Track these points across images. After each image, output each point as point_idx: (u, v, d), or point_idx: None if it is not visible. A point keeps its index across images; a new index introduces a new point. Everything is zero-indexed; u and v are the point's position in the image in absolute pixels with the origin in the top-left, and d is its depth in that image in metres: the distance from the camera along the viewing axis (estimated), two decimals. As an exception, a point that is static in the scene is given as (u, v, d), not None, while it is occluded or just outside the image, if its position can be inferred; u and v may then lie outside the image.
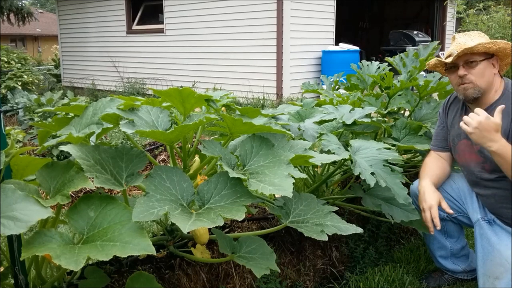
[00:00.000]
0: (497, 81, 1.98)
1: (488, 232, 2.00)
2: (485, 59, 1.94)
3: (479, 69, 1.94)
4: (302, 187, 2.49)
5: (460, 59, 1.96)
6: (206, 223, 1.31)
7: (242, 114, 1.89)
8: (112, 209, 1.35)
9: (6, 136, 1.39)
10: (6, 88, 8.09)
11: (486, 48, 1.92)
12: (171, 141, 1.64)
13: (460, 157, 2.11)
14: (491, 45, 1.91)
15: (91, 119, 1.66)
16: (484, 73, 1.94)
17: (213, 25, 8.59)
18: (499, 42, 1.91)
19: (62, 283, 1.50)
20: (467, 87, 1.96)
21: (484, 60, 1.94)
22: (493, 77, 1.96)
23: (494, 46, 1.91)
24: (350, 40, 9.60)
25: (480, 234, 2.03)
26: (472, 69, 1.94)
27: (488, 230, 2.01)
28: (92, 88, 10.89)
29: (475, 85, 1.95)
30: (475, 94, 1.96)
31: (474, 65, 1.94)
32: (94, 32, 11.13)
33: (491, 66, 1.96)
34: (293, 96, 7.85)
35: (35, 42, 30.79)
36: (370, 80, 3.19)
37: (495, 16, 5.69)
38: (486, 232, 2.01)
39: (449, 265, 2.33)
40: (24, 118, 5.70)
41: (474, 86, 1.95)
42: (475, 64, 1.94)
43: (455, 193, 2.16)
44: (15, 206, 1.15)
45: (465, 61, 1.96)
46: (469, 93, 1.97)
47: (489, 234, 1.99)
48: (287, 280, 2.12)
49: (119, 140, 4.62)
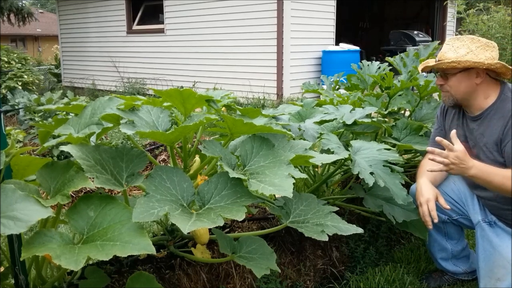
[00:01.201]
0: (486, 87, 1.92)
1: (489, 233, 2.00)
2: (460, 71, 1.90)
3: (453, 81, 1.93)
4: (303, 187, 2.49)
5: (438, 68, 1.97)
6: (206, 224, 1.31)
7: (243, 114, 1.89)
8: (112, 208, 1.35)
9: (6, 136, 1.39)
10: (7, 88, 8.09)
11: (450, 66, 1.89)
12: (171, 141, 1.64)
13: None
14: (455, 64, 1.86)
15: (90, 119, 1.66)
16: (459, 85, 1.92)
17: (214, 25, 8.59)
18: (463, 62, 1.85)
19: (62, 283, 1.50)
20: (444, 95, 2.01)
21: (458, 73, 1.91)
22: (474, 87, 1.91)
23: (459, 65, 1.87)
24: (350, 40, 9.59)
25: (481, 236, 2.03)
26: (447, 80, 1.95)
27: (490, 231, 2.00)
28: (92, 88, 10.89)
29: (451, 94, 1.96)
30: (451, 103, 1.99)
31: (448, 77, 1.94)
32: (95, 32, 11.13)
33: (470, 77, 1.90)
34: (293, 96, 7.85)
35: (35, 42, 30.80)
36: (370, 80, 3.19)
37: (495, 16, 5.69)
38: (488, 233, 2.00)
39: (450, 267, 2.32)
40: (25, 118, 5.70)
41: (449, 95, 1.97)
42: (448, 76, 1.94)
43: (456, 195, 2.16)
44: (15, 206, 1.15)
45: (441, 71, 1.97)
46: (446, 101, 2.01)
47: (491, 236, 1.99)
48: (288, 280, 2.12)
49: (119, 140, 4.62)
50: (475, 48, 1.88)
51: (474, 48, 1.88)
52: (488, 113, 1.92)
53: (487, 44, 1.90)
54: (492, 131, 1.90)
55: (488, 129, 1.91)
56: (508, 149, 1.83)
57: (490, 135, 1.90)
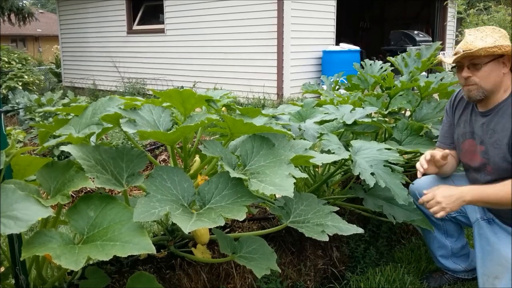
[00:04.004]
0: (507, 80, 1.89)
1: (487, 231, 1.99)
2: (492, 60, 1.84)
3: (484, 71, 1.85)
4: (303, 187, 2.49)
5: (465, 59, 1.88)
6: (207, 223, 1.31)
7: (243, 114, 1.89)
8: (112, 208, 1.34)
9: (6, 136, 1.39)
10: (7, 89, 8.09)
11: (490, 53, 1.82)
12: (172, 141, 1.64)
13: (464, 156, 2.08)
14: (496, 49, 1.80)
15: (91, 119, 1.66)
16: (490, 75, 1.86)
17: (214, 25, 8.59)
18: (505, 46, 1.81)
19: (62, 283, 1.50)
20: (470, 88, 1.90)
21: (490, 62, 1.85)
22: (501, 77, 1.87)
23: (499, 50, 1.81)
24: (351, 40, 9.58)
25: (479, 234, 2.02)
26: (477, 71, 1.86)
27: (487, 229, 1.99)
28: (92, 88, 10.90)
29: (479, 86, 1.87)
30: (478, 96, 1.90)
31: (479, 67, 1.85)
32: (95, 32, 11.13)
33: (499, 66, 1.86)
34: (293, 96, 7.85)
35: (35, 42, 30.79)
36: (372, 80, 3.18)
37: (496, 16, 5.69)
38: (485, 231, 2.00)
39: (450, 265, 2.32)
40: (25, 118, 5.70)
41: (478, 88, 1.88)
42: (479, 66, 1.85)
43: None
44: (15, 206, 1.15)
45: (470, 61, 1.87)
46: (473, 95, 1.90)
47: (488, 234, 1.98)
48: (288, 280, 2.12)
49: (119, 140, 4.62)
50: (498, 37, 1.85)
51: (498, 37, 1.85)
52: (501, 107, 1.88)
53: (505, 34, 1.88)
54: (504, 127, 1.85)
55: (500, 124, 1.87)
56: None
57: (502, 131, 1.86)
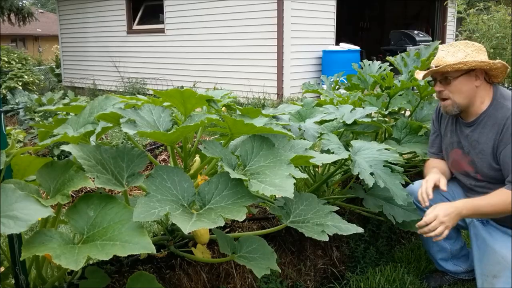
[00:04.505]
0: (482, 91, 1.92)
1: (482, 232, 2.01)
2: (462, 74, 1.88)
3: (455, 85, 1.90)
4: (303, 187, 2.49)
5: (437, 74, 1.93)
6: (207, 224, 1.31)
7: (243, 114, 1.89)
8: (112, 208, 1.34)
9: (6, 136, 1.39)
10: (7, 89, 8.08)
11: (455, 69, 1.86)
12: (172, 141, 1.64)
13: (453, 165, 2.11)
14: (461, 65, 1.84)
15: (88, 118, 1.66)
16: (461, 89, 1.89)
17: (214, 25, 8.59)
18: (471, 62, 1.84)
19: (62, 283, 1.50)
20: (445, 104, 1.95)
21: (460, 76, 1.88)
22: (474, 90, 1.90)
23: (465, 66, 1.85)
24: (351, 40, 9.58)
25: (474, 235, 2.04)
26: (448, 85, 1.91)
27: (482, 230, 2.01)
28: (92, 88, 10.89)
29: (453, 101, 1.92)
30: (454, 111, 1.94)
31: (449, 81, 1.90)
32: (95, 32, 11.12)
33: (471, 80, 1.89)
34: (293, 96, 7.85)
35: (35, 42, 30.78)
36: (371, 80, 3.18)
37: (496, 16, 5.68)
38: (480, 232, 2.01)
39: (451, 267, 2.32)
40: (25, 118, 5.70)
41: (452, 103, 1.92)
42: (449, 81, 1.90)
43: (450, 196, 2.16)
44: (15, 206, 1.15)
45: (441, 76, 1.92)
46: (448, 110, 1.95)
47: (484, 234, 2.00)
48: (288, 280, 2.12)
49: (119, 140, 4.62)
50: (470, 51, 1.89)
51: (470, 52, 1.88)
52: (482, 119, 1.92)
53: (480, 48, 1.91)
54: (487, 138, 1.89)
55: (483, 136, 1.91)
56: (503, 157, 1.83)
57: (485, 142, 1.90)
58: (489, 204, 1.82)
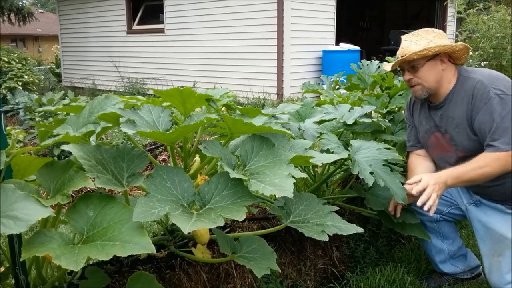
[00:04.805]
0: (449, 73, 1.98)
1: (477, 214, 2.05)
2: (428, 60, 1.94)
3: (423, 72, 1.96)
4: (303, 187, 2.49)
5: (404, 63, 1.99)
6: (206, 224, 1.31)
7: (243, 114, 1.89)
8: (112, 208, 1.34)
9: (6, 136, 1.39)
10: (7, 89, 8.08)
11: (421, 56, 1.92)
12: (171, 141, 1.64)
13: (434, 150, 2.13)
14: (426, 51, 1.91)
15: (88, 118, 1.66)
16: (429, 75, 1.96)
17: (214, 25, 8.59)
18: (434, 47, 1.90)
19: (62, 283, 1.50)
20: (415, 89, 2.01)
21: (427, 62, 1.95)
22: (441, 73, 1.97)
23: (429, 52, 1.91)
24: (351, 40, 9.58)
25: (471, 218, 2.09)
26: (416, 72, 1.97)
27: (477, 212, 2.05)
28: (92, 88, 10.89)
29: (423, 86, 1.98)
30: (423, 95, 2.00)
31: (417, 69, 1.96)
32: (95, 32, 11.13)
33: (437, 64, 1.96)
34: (293, 96, 7.85)
35: (35, 42, 30.79)
36: (370, 80, 3.18)
37: (496, 16, 5.68)
38: (476, 214, 2.06)
39: (449, 269, 2.33)
40: (25, 118, 5.70)
41: (422, 87, 1.98)
42: (417, 68, 1.96)
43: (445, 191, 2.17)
44: (15, 206, 1.14)
45: (408, 65, 1.98)
46: (418, 95, 2.01)
47: (479, 215, 2.04)
48: (288, 280, 2.12)
49: (119, 140, 4.62)
50: (432, 38, 1.95)
51: (432, 38, 1.95)
52: (452, 96, 1.97)
53: (440, 33, 1.99)
54: (460, 111, 1.93)
55: (456, 110, 1.95)
56: (478, 124, 1.87)
57: (459, 115, 1.94)
58: (472, 170, 1.85)
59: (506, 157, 1.79)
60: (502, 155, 1.80)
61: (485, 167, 1.83)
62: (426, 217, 2.22)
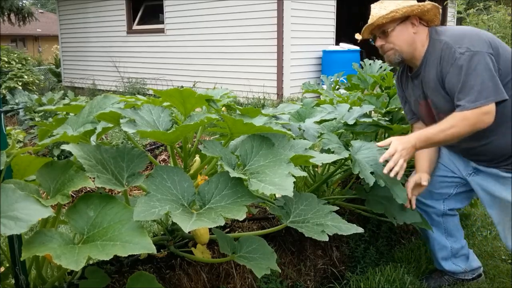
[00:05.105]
0: (421, 35, 1.98)
1: (479, 182, 2.06)
2: (399, 24, 1.95)
3: (393, 36, 1.96)
4: (303, 187, 2.49)
5: (375, 30, 2.00)
6: (207, 223, 1.31)
7: (243, 114, 1.89)
8: (112, 208, 1.34)
9: (7, 136, 1.39)
10: (7, 89, 8.09)
11: (389, 19, 1.93)
12: (171, 141, 1.64)
13: (426, 119, 2.13)
14: (393, 13, 1.91)
15: (87, 118, 1.66)
16: (399, 38, 1.96)
17: (214, 25, 8.59)
18: (401, 8, 1.90)
19: (62, 283, 1.50)
20: (388, 54, 2.01)
21: (397, 26, 1.95)
22: (413, 36, 1.96)
23: (397, 14, 1.91)
24: (351, 40, 9.57)
25: (476, 189, 2.10)
26: (387, 37, 1.97)
27: (478, 180, 2.07)
28: (92, 88, 10.89)
29: (395, 50, 1.97)
30: (396, 60, 2.00)
31: (387, 34, 1.96)
32: (95, 32, 11.13)
33: (408, 27, 1.96)
34: (293, 96, 7.85)
35: (35, 42, 30.79)
36: (371, 80, 3.18)
37: (495, 16, 5.69)
38: (478, 183, 2.07)
39: (450, 267, 2.32)
40: (25, 118, 5.70)
41: (394, 51, 1.98)
42: (387, 33, 1.96)
43: (445, 170, 2.20)
44: (15, 206, 1.14)
45: (379, 31, 1.98)
46: (392, 59, 2.01)
47: (481, 184, 2.05)
48: (288, 280, 2.12)
49: (119, 140, 4.62)
50: (400, 1, 1.96)
51: (400, 2, 1.95)
52: (426, 59, 1.96)
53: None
54: (432, 74, 1.93)
55: (429, 73, 1.95)
56: (448, 85, 1.86)
57: (433, 78, 1.94)
58: (440, 131, 1.84)
59: (472, 115, 1.77)
60: (468, 113, 1.77)
61: (453, 127, 1.81)
62: (432, 209, 2.23)
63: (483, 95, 1.76)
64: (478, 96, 1.76)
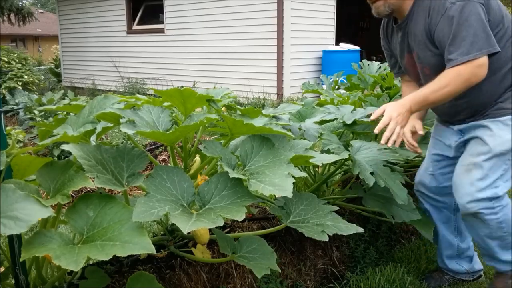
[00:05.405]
0: None
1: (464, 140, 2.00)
2: None
3: None
4: (303, 187, 2.49)
5: None
6: (206, 224, 1.31)
7: (243, 114, 1.89)
8: (111, 208, 1.34)
9: (6, 136, 1.39)
10: (7, 89, 8.09)
11: None
12: (172, 141, 1.64)
13: (410, 72, 2.09)
14: None
15: (87, 118, 1.66)
16: None
17: (214, 25, 8.59)
18: None
19: (62, 283, 1.50)
20: (377, 5, 1.94)
21: None
22: None
23: None
24: (351, 40, 9.58)
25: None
26: None
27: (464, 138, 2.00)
28: (92, 88, 10.90)
29: (385, 1, 1.91)
30: (386, 11, 1.94)
31: None
32: (95, 32, 11.13)
33: None
34: (293, 96, 7.85)
35: (35, 42, 30.81)
36: (371, 80, 3.19)
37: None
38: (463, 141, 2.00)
39: (454, 266, 2.32)
40: (25, 118, 5.70)
41: (384, 2, 1.91)
42: None
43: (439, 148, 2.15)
44: (15, 206, 1.14)
45: None
46: (381, 11, 1.94)
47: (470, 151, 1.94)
48: (288, 280, 2.12)
49: (119, 140, 4.62)
50: None
51: None
52: (413, 11, 1.91)
53: None
54: (420, 26, 1.87)
55: (417, 25, 1.89)
56: (437, 38, 1.80)
57: (420, 30, 1.88)
58: (434, 91, 1.76)
59: (466, 70, 1.69)
60: (461, 68, 1.69)
61: (448, 85, 1.73)
62: (443, 204, 2.20)
63: (476, 47, 1.67)
64: (470, 48, 1.67)
